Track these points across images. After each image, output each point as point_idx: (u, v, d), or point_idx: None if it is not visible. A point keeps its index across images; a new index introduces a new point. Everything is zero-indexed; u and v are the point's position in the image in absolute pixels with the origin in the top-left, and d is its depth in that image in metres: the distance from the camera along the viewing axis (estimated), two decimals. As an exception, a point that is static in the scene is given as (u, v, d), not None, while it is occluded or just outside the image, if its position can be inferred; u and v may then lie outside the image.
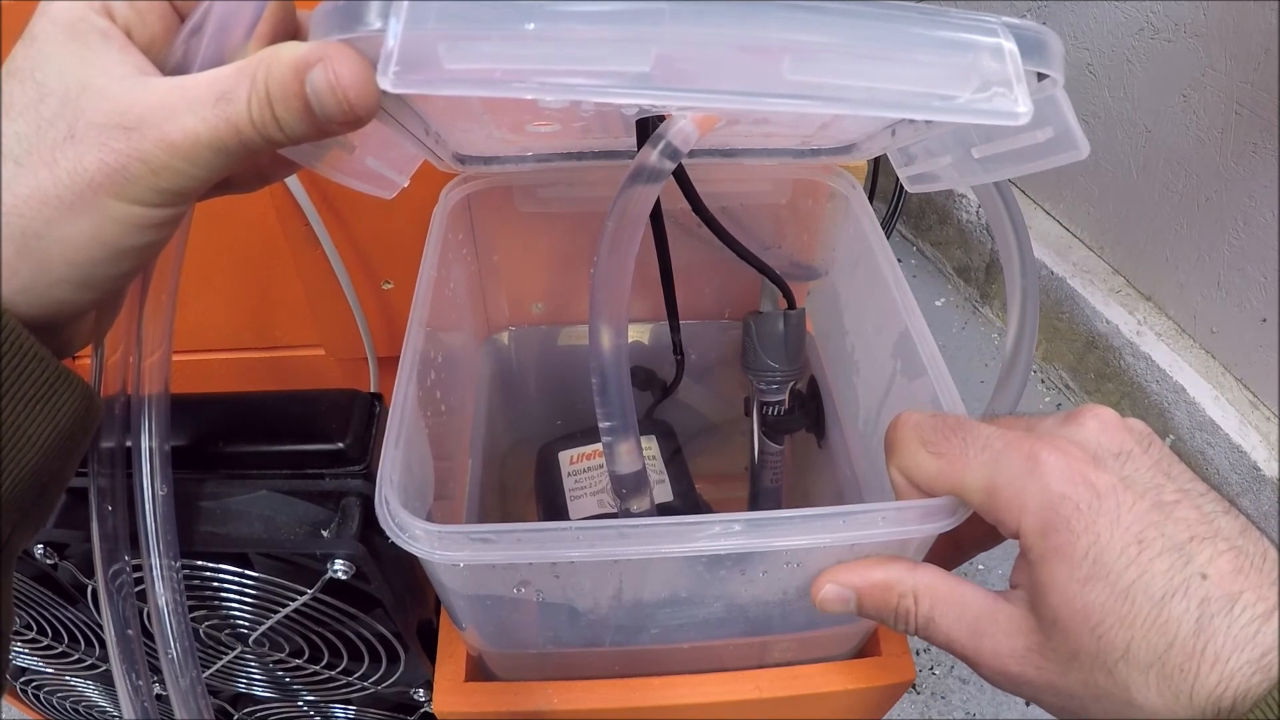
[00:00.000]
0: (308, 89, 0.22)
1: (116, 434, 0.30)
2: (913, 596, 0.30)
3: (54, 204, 0.22)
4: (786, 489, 0.61)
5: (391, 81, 0.21)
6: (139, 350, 0.30)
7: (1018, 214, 0.38)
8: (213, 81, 0.22)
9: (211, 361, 0.67)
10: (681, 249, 0.49)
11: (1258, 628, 0.22)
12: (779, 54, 0.22)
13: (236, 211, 0.55)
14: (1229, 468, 1.20)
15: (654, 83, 0.22)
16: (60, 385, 0.24)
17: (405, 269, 0.57)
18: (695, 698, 0.42)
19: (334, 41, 0.22)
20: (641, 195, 0.34)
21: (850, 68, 0.22)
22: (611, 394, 0.33)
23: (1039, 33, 0.24)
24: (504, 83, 0.22)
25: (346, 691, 0.54)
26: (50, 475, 0.24)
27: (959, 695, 1.01)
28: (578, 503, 0.53)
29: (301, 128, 0.23)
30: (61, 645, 0.54)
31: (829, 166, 0.48)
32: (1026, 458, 0.26)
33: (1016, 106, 0.23)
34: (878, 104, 0.23)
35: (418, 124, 0.36)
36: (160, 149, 0.22)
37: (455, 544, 0.30)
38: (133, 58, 0.23)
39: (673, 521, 0.30)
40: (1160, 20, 1.18)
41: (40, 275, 0.23)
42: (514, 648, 0.42)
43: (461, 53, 0.21)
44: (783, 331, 0.54)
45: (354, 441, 0.42)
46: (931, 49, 0.23)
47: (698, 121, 0.34)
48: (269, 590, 0.43)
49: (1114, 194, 1.35)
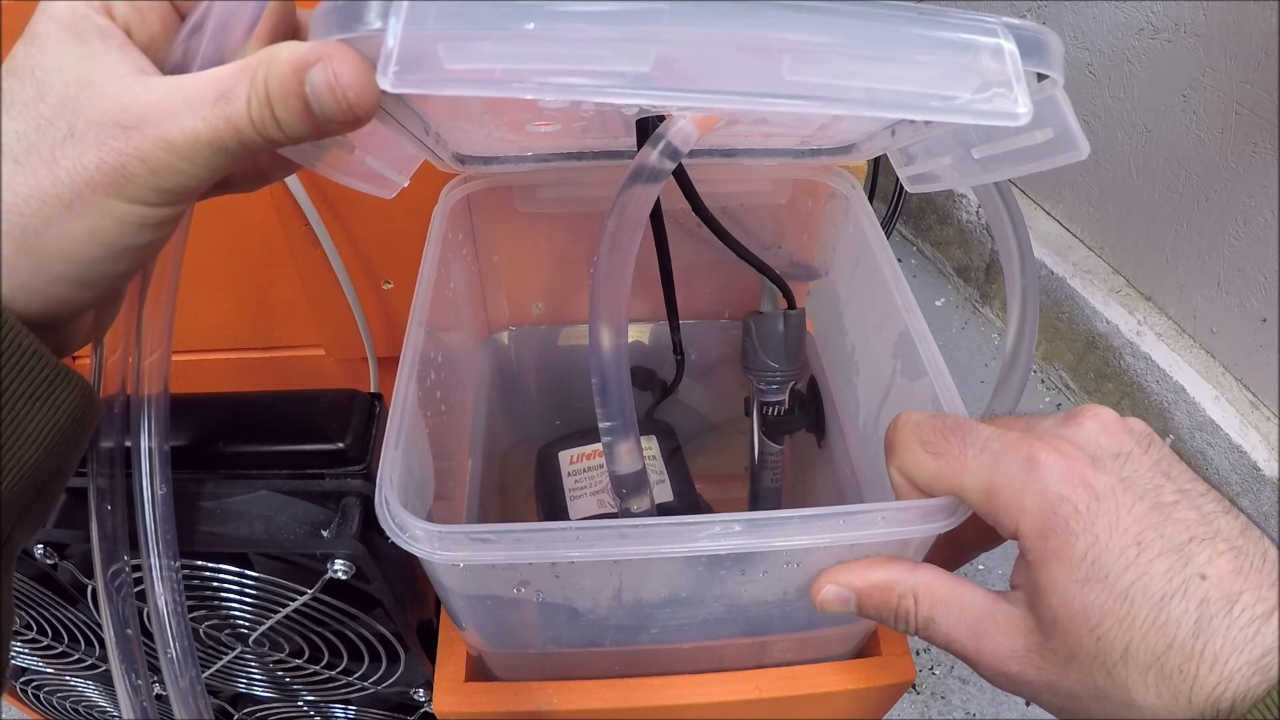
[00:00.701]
0: (307, 89, 0.22)
1: (116, 434, 0.30)
2: (912, 597, 0.30)
3: (53, 203, 0.22)
4: (786, 489, 0.61)
5: (391, 82, 0.21)
6: (139, 350, 0.30)
7: (1018, 214, 0.38)
8: (212, 81, 0.22)
9: (211, 361, 0.67)
10: (681, 249, 0.49)
11: (1257, 628, 0.22)
12: (778, 54, 0.22)
13: (236, 211, 0.55)
14: (1229, 468, 1.20)
15: (654, 83, 0.22)
16: (60, 383, 0.24)
17: (405, 269, 0.57)
18: (695, 698, 0.42)
19: (334, 41, 0.22)
20: (641, 195, 0.34)
21: (850, 68, 0.22)
22: (611, 394, 0.33)
23: (1039, 33, 0.24)
24: (504, 83, 0.22)
25: (346, 691, 0.54)
26: (50, 473, 0.24)
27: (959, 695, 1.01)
28: (578, 503, 0.53)
29: (301, 127, 0.23)
30: (61, 645, 0.54)
31: (829, 166, 0.48)
32: (1025, 459, 0.26)
33: (1016, 107, 0.23)
34: (877, 105, 0.23)
35: (417, 124, 0.36)
36: (159, 148, 0.22)
37: (455, 544, 0.30)
38: (132, 56, 0.23)
39: (673, 521, 0.30)
40: (1160, 20, 1.18)
41: (39, 273, 0.23)
42: (514, 648, 0.42)
43: (461, 53, 0.21)
44: (783, 331, 0.54)
45: (354, 441, 0.42)
46: (931, 49, 0.23)
47: (698, 121, 0.34)
48: (269, 590, 0.43)
49: (1114, 194, 1.35)
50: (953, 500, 0.30)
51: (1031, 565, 0.26)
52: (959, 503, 0.30)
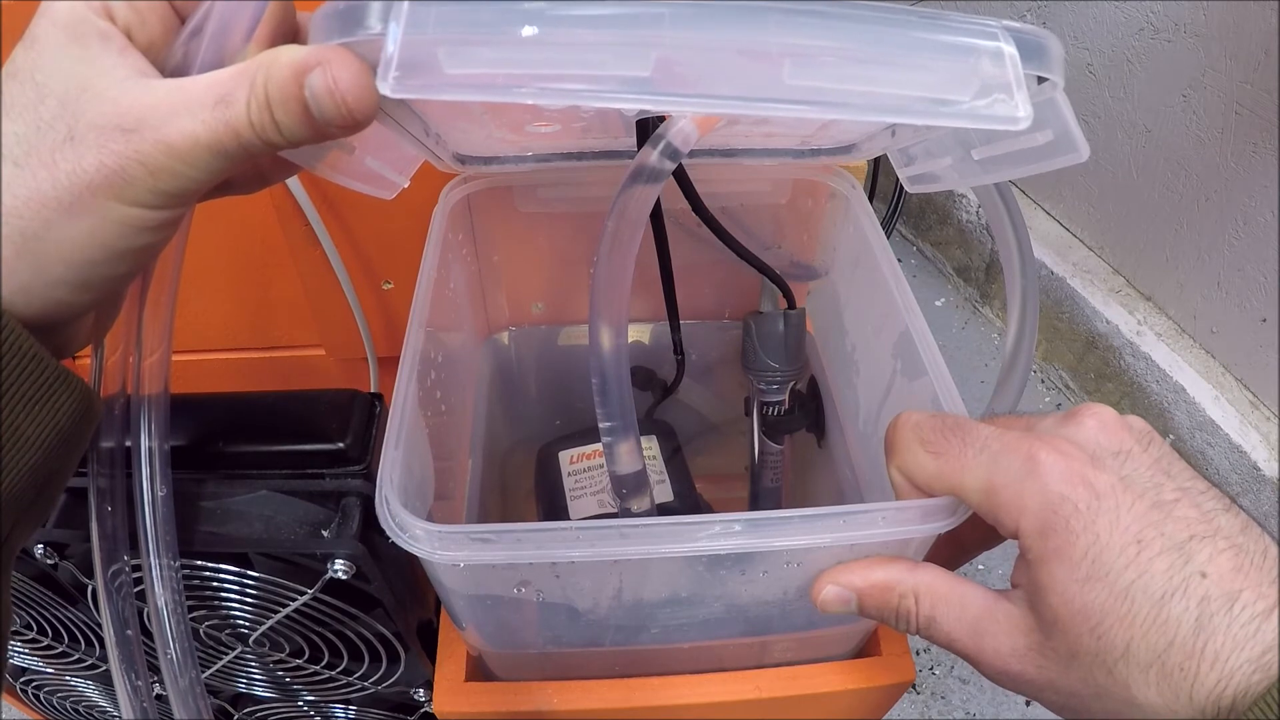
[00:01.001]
0: (306, 93, 0.22)
1: (116, 434, 0.30)
2: (913, 597, 0.30)
3: (53, 205, 0.22)
4: (786, 489, 0.61)
5: (391, 86, 0.21)
6: (139, 351, 0.30)
7: (1018, 214, 0.38)
8: (212, 84, 0.22)
9: (211, 361, 0.67)
10: (682, 249, 0.49)
11: (1257, 626, 0.22)
12: (779, 58, 0.22)
13: (236, 212, 0.55)
14: (1229, 468, 1.20)
15: (654, 87, 0.22)
16: (59, 386, 0.24)
17: (405, 269, 0.57)
18: (695, 698, 0.43)
19: (333, 45, 0.22)
20: (642, 195, 0.34)
21: (850, 72, 0.22)
22: (612, 394, 0.33)
23: (1039, 36, 0.24)
24: (504, 88, 0.22)
25: (347, 691, 0.54)
26: (49, 474, 0.24)
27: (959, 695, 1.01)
28: (578, 502, 0.53)
29: (300, 131, 0.23)
30: (61, 645, 0.54)
31: (829, 166, 0.48)
32: (1025, 458, 0.26)
33: (1017, 112, 0.23)
34: (878, 109, 0.23)
35: (417, 125, 0.36)
36: (159, 151, 0.22)
37: (455, 544, 0.30)
38: (132, 59, 0.23)
39: (673, 521, 0.30)
40: (1160, 20, 1.18)
41: (39, 276, 0.23)
42: (514, 648, 0.42)
43: (461, 58, 0.21)
44: (783, 331, 0.54)
45: (354, 441, 0.42)
46: (931, 53, 0.23)
47: (698, 122, 0.34)
48: (269, 590, 0.43)
49: (1114, 194, 1.35)
50: (952, 500, 0.30)
51: (1032, 564, 0.26)
52: (959, 503, 0.30)
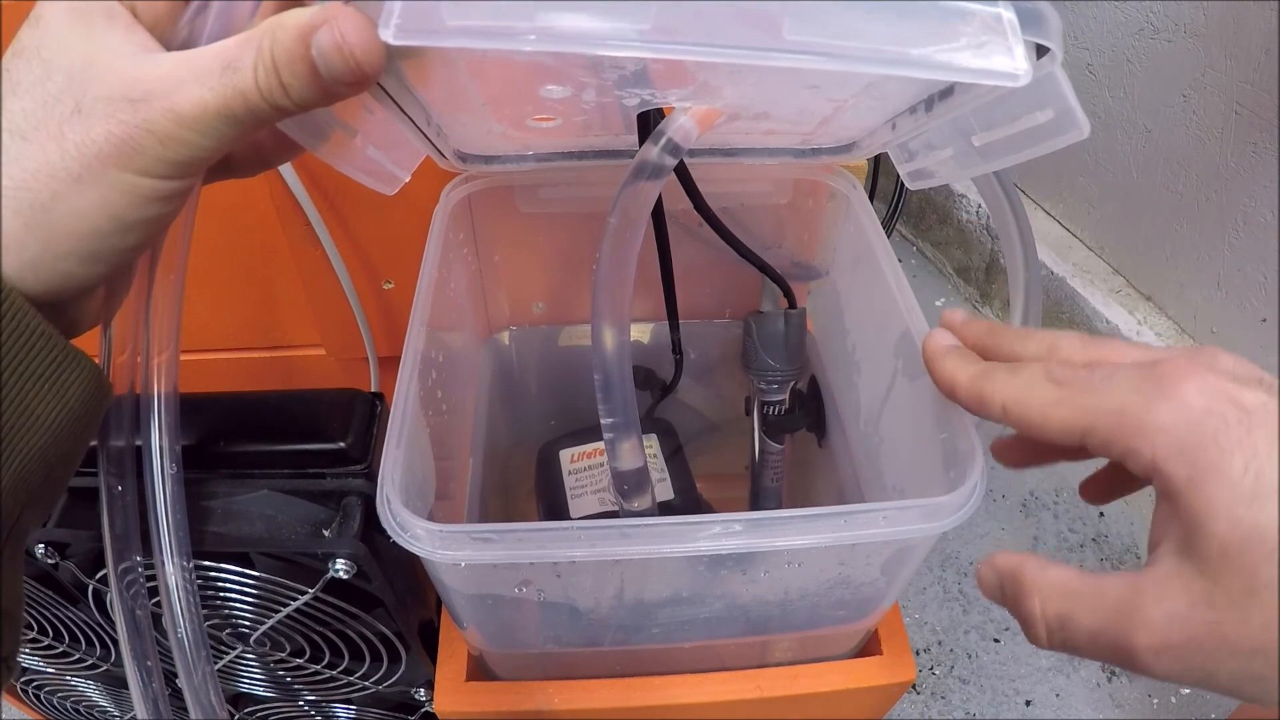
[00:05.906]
0: (314, 51, 0.22)
1: (126, 433, 0.30)
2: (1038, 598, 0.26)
3: (61, 176, 0.22)
4: (787, 489, 0.61)
5: (394, 34, 0.22)
6: (146, 346, 0.30)
7: (1020, 207, 0.38)
8: (219, 52, 0.23)
9: (213, 361, 0.67)
10: (682, 248, 0.49)
11: None
12: (779, 15, 0.22)
13: (238, 212, 0.55)
14: (1229, 468, 1.20)
15: (654, 36, 0.22)
16: (68, 364, 0.23)
17: (406, 269, 0.57)
18: (696, 697, 0.42)
19: (336, 3, 0.22)
20: (643, 192, 0.34)
21: (850, 27, 0.23)
22: (614, 391, 0.33)
23: (1037, 4, 0.24)
24: (504, 35, 0.22)
25: (348, 691, 0.54)
26: (59, 457, 0.24)
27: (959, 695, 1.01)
28: (578, 501, 0.53)
29: (308, 92, 0.23)
30: (62, 645, 0.54)
31: (829, 166, 0.48)
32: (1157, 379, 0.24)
33: (1015, 68, 0.23)
34: (877, 61, 0.23)
35: (419, 111, 0.36)
36: (168, 119, 0.22)
37: (456, 543, 0.30)
38: (139, 36, 0.23)
39: (674, 521, 0.30)
40: (1160, 20, 1.18)
41: (47, 249, 0.22)
42: (515, 647, 0.42)
43: (462, 7, 0.22)
44: (783, 331, 0.54)
45: (355, 441, 0.42)
46: (931, 11, 0.23)
47: (698, 117, 0.34)
48: (270, 590, 0.43)
49: (1114, 194, 1.35)
50: (954, 499, 0.30)
51: (1179, 494, 0.23)
52: (961, 502, 0.30)
